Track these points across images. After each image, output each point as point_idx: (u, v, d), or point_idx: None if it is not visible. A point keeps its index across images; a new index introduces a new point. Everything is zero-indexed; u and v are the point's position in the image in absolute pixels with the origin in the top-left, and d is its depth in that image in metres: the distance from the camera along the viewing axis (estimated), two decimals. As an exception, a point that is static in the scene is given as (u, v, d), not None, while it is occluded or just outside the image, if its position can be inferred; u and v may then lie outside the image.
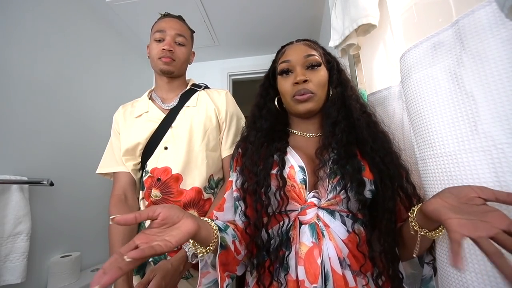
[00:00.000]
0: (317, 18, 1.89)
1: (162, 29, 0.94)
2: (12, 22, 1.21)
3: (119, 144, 0.95)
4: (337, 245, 0.56)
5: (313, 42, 0.73)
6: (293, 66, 0.67)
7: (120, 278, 0.75)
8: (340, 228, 0.58)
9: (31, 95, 1.26)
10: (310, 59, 0.67)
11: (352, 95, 0.68)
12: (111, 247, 0.82)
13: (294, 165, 0.62)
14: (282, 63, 0.69)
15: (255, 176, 0.63)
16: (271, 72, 0.77)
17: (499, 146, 0.42)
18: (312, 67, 0.67)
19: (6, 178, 1.06)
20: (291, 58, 0.68)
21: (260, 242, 0.60)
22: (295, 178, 0.61)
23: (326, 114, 0.68)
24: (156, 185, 0.87)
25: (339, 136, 0.63)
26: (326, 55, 0.72)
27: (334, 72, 0.71)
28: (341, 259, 0.55)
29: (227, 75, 2.47)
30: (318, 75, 0.66)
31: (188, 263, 0.79)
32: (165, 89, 1.00)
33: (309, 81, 0.65)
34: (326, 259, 0.54)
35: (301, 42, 0.73)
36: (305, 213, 0.59)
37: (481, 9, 0.46)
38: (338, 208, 0.60)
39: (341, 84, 0.69)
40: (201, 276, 0.58)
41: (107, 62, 1.84)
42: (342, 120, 0.65)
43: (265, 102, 0.75)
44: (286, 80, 0.68)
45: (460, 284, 0.45)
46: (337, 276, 0.53)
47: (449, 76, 0.50)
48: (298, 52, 0.68)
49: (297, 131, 0.72)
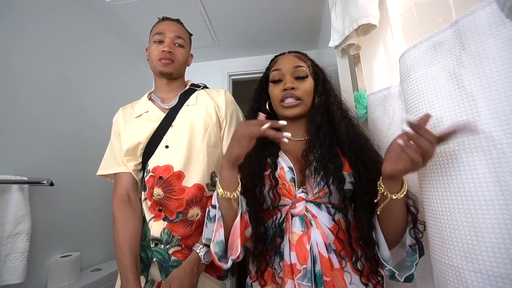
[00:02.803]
0: (317, 18, 1.89)
1: (161, 32, 0.94)
2: (13, 22, 1.21)
3: (119, 145, 0.94)
4: (323, 233, 0.65)
5: (303, 55, 0.84)
6: (283, 74, 0.78)
7: (132, 278, 0.76)
8: (326, 218, 0.67)
9: (31, 95, 1.26)
10: (298, 70, 0.77)
11: (334, 102, 0.77)
12: (118, 247, 0.82)
13: (284, 166, 0.72)
14: (274, 71, 0.80)
15: (251, 177, 0.71)
16: (264, 78, 0.86)
17: (498, 146, 0.42)
18: (300, 78, 0.77)
19: (6, 178, 1.05)
20: (282, 67, 0.79)
21: (258, 234, 0.68)
22: (285, 177, 0.70)
23: (311, 119, 0.78)
24: (158, 184, 0.87)
25: (322, 138, 0.72)
26: (313, 67, 0.83)
27: (320, 82, 0.80)
28: (327, 245, 0.63)
29: (227, 75, 2.47)
30: (304, 84, 0.77)
31: (202, 264, 0.80)
32: (164, 90, 1.00)
33: (296, 88, 0.75)
34: (314, 244, 0.63)
35: (292, 53, 0.84)
36: (295, 206, 0.68)
37: (480, 10, 0.46)
38: (323, 200, 0.69)
39: (325, 92, 0.79)
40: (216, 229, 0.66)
41: (108, 62, 1.84)
42: (325, 124, 0.75)
43: (259, 106, 0.84)
44: (276, 87, 0.78)
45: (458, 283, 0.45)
46: (323, 259, 0.61)
47: (449, 76, 0.50)
48: (289, 63, 0.79)
49: None
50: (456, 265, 0.46)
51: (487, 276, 0.41)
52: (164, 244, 0.85)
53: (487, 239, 0.41)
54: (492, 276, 0.40)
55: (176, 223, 0.85)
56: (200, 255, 0.80)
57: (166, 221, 0.86)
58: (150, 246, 0.86)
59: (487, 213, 0.42)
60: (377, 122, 0.92)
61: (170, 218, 0.86)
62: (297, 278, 0.60)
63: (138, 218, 0.88)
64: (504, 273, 0.39)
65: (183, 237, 0.85)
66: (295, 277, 0.61)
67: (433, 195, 0.53)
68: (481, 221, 0.42)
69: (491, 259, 0.41)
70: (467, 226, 0.45)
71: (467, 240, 0.44)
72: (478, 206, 0.43)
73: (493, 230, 0.41)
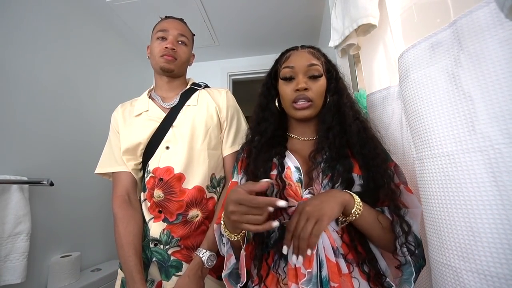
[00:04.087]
0: (317, 18, 1.89)
1: (164, 29, 0.94)
2: (13, 22, 1.21)
3: (118, 143, 0.94)
4: (330, 236, 0.61)
5: (317, 50, 0.78)
6: (296, 73, 0.72)
7: (138, 278, 0.78)
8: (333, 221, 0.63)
9: (32, 95, 1.26)
10: (312, 68, 0.72)
11: (347, 103, 0.73)
12: (121, 248, 0.82)
13: (290, 166, 0.69)
14: (286, 68, 0.74)
15: (256, 178, 0.68)
16: (273, 73, 0.81)
17: (496, 146, 0.42)
18: (314, 77, 0.72)
19: (6, 178, 1.06)
20: (295, 64, 0.73)
21: (260, 237, 0.66)
22: (292, 177, 0.67)
23: (322, 119, 0.74)
24: (159, 185, 0.86)
25: (331, 140, 0.69)
26: (327, 64, 0.77)
27: (333, 81, 0.76)
28: (334, 249, 0.60)
29: (227, 75, 2.47)
30: (318, 84, 0.72)
31: (205, 268, 0.80)
32: (165, 89, 0.99)
33: (309, 89, 0.71)
34: (321, 248, 0.59)
35: (306, 49, 0.77)
36: None
37: (479, 10, 0.46)
38: None
39: (338, 92, 0.75)
40: (227, 259, 0.65)
41: (107, 63, 1.84)
42: (335, 125, 0.71)
43: (267, 103, 0.80)
44: (288, 85, 0.73)
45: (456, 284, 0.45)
46: (331, 264, 0.58)
47: (447, 76, 0.50)
48: (302, 60, 0.73)
49: (295, 135, 0.79)
50: (453, 265, 0.46)
51: (484, 276, 0.41)
52: (164, 245, 0.84)
53: (484, 239, 0.41)
54: (489, 276, 0.40)
55: (176, 224, 0.85)
56: (203, 260, 0.80)
57: (165, 222, 0.85)
58: (149, 246, 0.86)
59: (484, 213, 0.42)
60: (376, 122, 0.92)
61: (169, 219, 0.85)
62: (302, 283, 0.57)
63: (139, 218, 0.88)
64: (501, 273, 0.39)
65: (182, 238, 0.85)
66: (299, 282, 0.58)
67: (431, 195, 0.53)
68: (478, 221, 0.42)
69: (488, 259, 0.41)
70: (464, 226, 0.45)
71: (464, 240, 0.44)
72: (476, 207, 0.43)
73: (490, 231, 0.41)
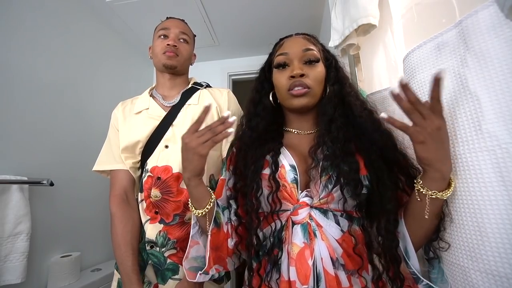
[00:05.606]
0: (317, 18, 1.90)
1: (166, 27, 0.95)
2: (13, 22, 1.20)
3: (117, 141, 0.93)
4: (330, 245, 0.54)
5: (313, 37, 0.71)
6: (291, 59, 0.65)
7: (135, 278, 0.78)
8: (333, 227, 0.56)
9: (32, 95, 1.26)
10: (308, 53, 0.64)
11: (351, 92, 0.66)
12: (118, 247, 0.81)
13: (285, 165, 0.61)
14: (279, 55, 0.67)
15: (245, 180, 0.63)
16: (267, 65, 0.75)
17: (503, 145, 0.42)
18: (310, 62, 0.64)
19: (6, 178, 1.05)
20: (289, 51, 0.66)
21: (251, 245, 0.60)
22: (286, 177, 0.60)
23: (322, 111, 0.65)
24: (156, 184, 0.85)
25: (335, 133, 0.60)
26: (324, 52, 0.71)
27: (332, 70, 0.68)
28: (333, 259, 0.54)
29: (227, 75, 2.47)
30: (315, 70, 0.64)
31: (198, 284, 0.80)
32: (166, 87, 0.99)
33: (306, 75, 0.63)
34: (318, 259, 0.53)
35: (300, 35, 0.70)
36: (297, 213, 0.58)
37: (484, 10, 0.46)
38: (331, 207, 0.58)
39: (338, 81, 0.67)
40: (190, 246, 0.62)
41: (107, 62, 1.83)
42: (339, 117, 0.63)
43: (260, 97, 0.73)
44: (282, 73, 0.65)
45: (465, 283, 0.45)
46: (329, 277, 0.52)
47: (453, 77, 0.50)
48: (297, 45, 0.66)
49: (292, 129, 0.70)
50: (462, 265, 0.46)
51: (493, 276, 0.41)
52: (160, 247, 0.83)
53: (492, 239, 0.41)
54: (498, 276, 0.40)
55: (172, 226, 0.84)
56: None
57: (162, 224, 0.84)
58: (145, 248, 0.85)
59: (492, 214, 0.42)
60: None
61: (166, 221, 0.84)
62: None
63: (137, 218, 0.88)
64: (509, 274, 0.39)
65: (178, 240, 0.84)
66: None
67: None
68: (486, 222, 0.42)
69: (496, 259, 0.41)
70: (472, 226, 0.45)
71: (472, 240, 0.44)
72: (483, 206, 0.43)
73: (498, 231, 0.41)
